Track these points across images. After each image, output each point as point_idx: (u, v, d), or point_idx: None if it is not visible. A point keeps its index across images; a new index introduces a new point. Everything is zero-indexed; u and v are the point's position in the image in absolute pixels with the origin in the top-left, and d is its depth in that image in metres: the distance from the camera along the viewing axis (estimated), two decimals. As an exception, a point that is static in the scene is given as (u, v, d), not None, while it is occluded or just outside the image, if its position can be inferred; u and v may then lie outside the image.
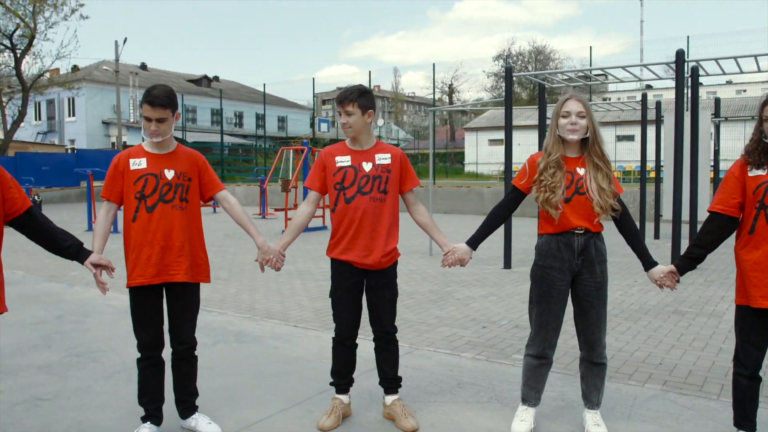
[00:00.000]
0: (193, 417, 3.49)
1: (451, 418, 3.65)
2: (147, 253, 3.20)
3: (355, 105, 3.42)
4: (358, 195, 3.44)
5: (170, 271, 3.24)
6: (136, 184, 3.22)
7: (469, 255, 3.47)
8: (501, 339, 5.35)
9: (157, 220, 3.22)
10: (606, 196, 3.19)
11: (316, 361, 4.74)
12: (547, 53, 61.07)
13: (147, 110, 3.19)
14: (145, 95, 3.21)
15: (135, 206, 3.22)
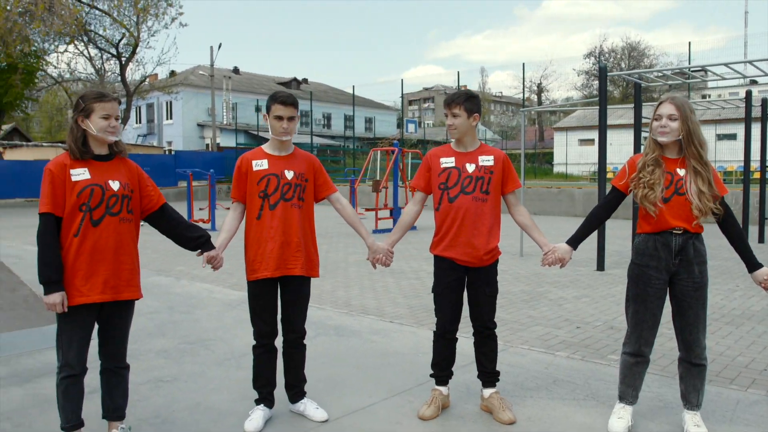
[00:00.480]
0: (301, 402, 3.74)
1: (547, 413, 3.74)
2: (270, 248, 3.46)
3: (462, 108, 3.57)
4: (461, 195, 3.59)
5: (288, 265, 3.49)
6: (259, 184, 3.49)
7: (569, 255, 3.55)
8: (596, 339, 5.35)
9: (279, 218, 3.47)
10: (705, 199, 3.20)
11: (413, 355, 4.92)
12: (642, 49, 59.05)
13: (279, 109, 3.46)
14: (275, 97, 3.49)
15: (259, 205, 3.49)
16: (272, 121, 3.50)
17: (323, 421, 3.63)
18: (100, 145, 3.12)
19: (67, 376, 3.10)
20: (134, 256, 3.22)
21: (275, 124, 3.50)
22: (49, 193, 2.98)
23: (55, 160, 3.05)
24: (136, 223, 3.24)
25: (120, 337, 3.24)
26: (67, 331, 3.07)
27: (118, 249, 3.11)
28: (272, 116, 3.50)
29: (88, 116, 3.06)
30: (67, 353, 3.08)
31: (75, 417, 3.15)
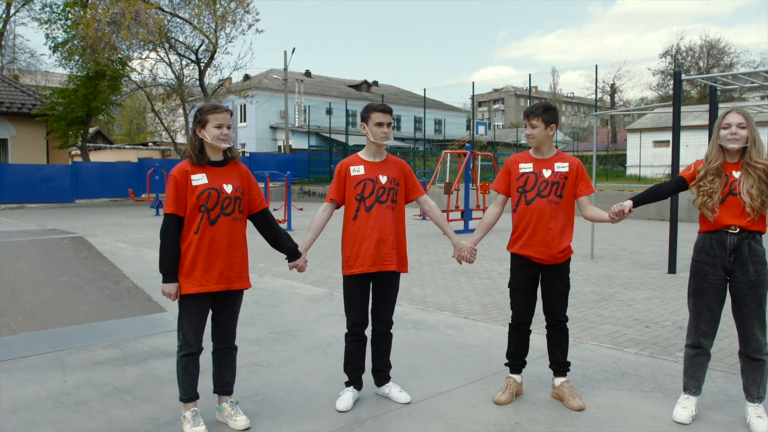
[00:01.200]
0: (387, 385, 4.13)
1: (615, 403, 4.01)
2: (366, 245, 3.86)
3: (540, 119, 3.91)
4: (538, 198, 3.91)
5: (384, 261, 3.89)
6: (356, 188, 3.91)
7: (629, 207, 3.77)
8: (664, 338, 5.55)
9: (374, 218, 3.87)
10: (753, 199, 3.44)
11: (487, 348, 5.25)
12: (721, 47, 57.12)
13: (380, 117, 3.90)
14: (373, 107, 3.93)
15: (356, 207, 3.91)
16: (372, 128, 3.91)
17: (407, 403, 4.01)
18: (215, 152, 3.59)
19: (186, 354, 3.59)
20: (244, 250, 3.69)
21: (376, 131, 3.91)
22: (173, 196, 3.47)
23: (177, 167, 3.54)
24: (245, 222, 3.71)
25: (230, 322, 3.71)
26: (187, 315, 3.56)
27: (231, 245, 3.57)
28: (372, 123, 3.91)
29: (204, 126, 3.54)
30: (186, 334, 3.58)
31: (192, 390, 3.64)
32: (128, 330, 5.90)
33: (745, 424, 3.63)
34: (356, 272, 3.91)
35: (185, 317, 3.58)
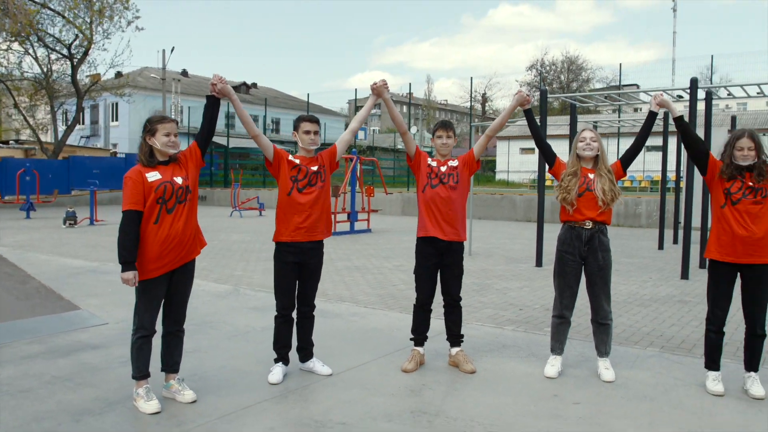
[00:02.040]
0: (311, 360, 4.80)
1: (499, 366, 4.92)
2: (297, 219, 4.49)
3: (453, 132, 4.77)
4: (440, 185, 4.76)
5: (316, 231, 4.57)
6: (292, 171, 4.53)
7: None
8: (535, 318, 6.60)
9: (307, 196, 4.51)
10: (605, 194, 4.48)
11: (388, 330, 6.04)
12: (580, 63, 61.83)
13: (308, 126, 4.54)
14: (303, 117, 4.59)
15: (290, 187, 4.52)
16: (302, 135, 4.55)
17: (329, 374, 4.71)
18: (163, 155, 4.13)
19: (141, 336, 4.09)
20: (196, 225, 4.23)
21: (304, 138, 4.55)
22: (132, 194, 3.95)
23: (132, 170, 4.01)
24: (196, 201, 4.24)
25: (182, 302, 4.24)
26: (145, 301, 4.07)
27: (186, 227, 4.09)
28: (301, 131, 4.56)
29: (153, 135, 4.06)
30: (143, 318, 4.07)
31: (145, 368, 4.13)
32: (47, 327, 6.10)
33: (597, 375, 4.65)
34: (286, 240, 4.52)
35: (144, 302, 4.06)
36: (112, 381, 4.56)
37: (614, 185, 4.55)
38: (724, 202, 4.26)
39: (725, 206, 4.25)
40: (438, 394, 4.33)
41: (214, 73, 4.29)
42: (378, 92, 4.81)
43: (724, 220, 4.25)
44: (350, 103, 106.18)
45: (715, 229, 4.33)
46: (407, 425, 3.79)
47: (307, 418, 3.90)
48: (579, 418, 3.92)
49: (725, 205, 4.25)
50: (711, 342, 4.40)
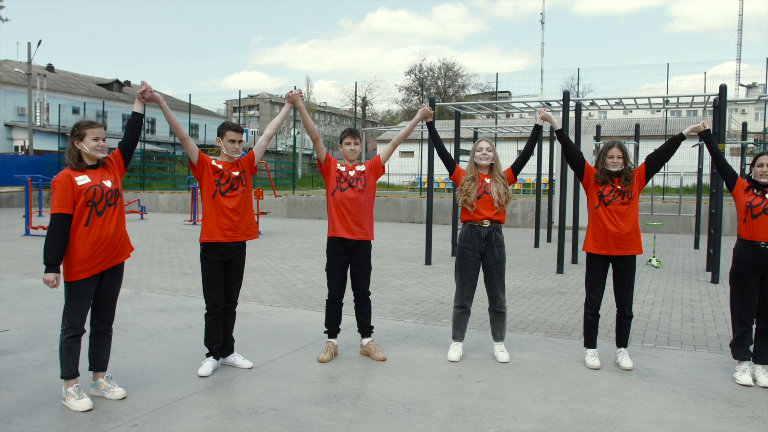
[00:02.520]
0: (232, 355, 5.06)
1: (407, 354, 5.40)
2: (222, 220, 4.76)
3: (359, 138, 5.16)
4: (349, 188, 5.16)
5: (238, 232, 4.83)
6: (215, 175, 4.75)
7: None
8: (432, 311, 7.16)
9: (233, 199, 4.77)
10: (500, 197, 5.08)
11: (298, 326, 6.38)
12: (456, 70, 64.27)
13: (233, 135, 4.78)
14: (229, 126, 4.82)
15: (214, 191, 4.75)
16: (227, 143, 4.79)
17: (250, 367, 4.99)
18: (91, 160, 4.25)
19: (71, 336, 4.18)
20: (124, 229, 4.36)
21: (229, 146, 4.80)
22: (61, 198, 4.05)
23: (61, 174, 4.10)
24: (123, 205, 4.37)
25: (112, 303, 4.35)
26: (75, 301, 4.16)
27: (116, 230, 4.23)
28: (227, 140, 4.80)
29: (82, 139, 4.18)
30: (73, 318, 4.17)
31: (75, 368, 4.23)
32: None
33: (494, 357, 5.24)
34: (212, 240, 4.77)
35: (73, 303, 4.15)
36: (33, 384, 4.60)
37: (507, 189, 5.16)
38: (598, 203, 4.98)
39: (599, 207, 4.96)
40: (356, 380, 4.74)
41: (142, 80, 4.46)
42: (292, 100, 5.14)
43: (599, 218, 4.96)
44: (228, 103, 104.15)
45: (591, 227, 5.04)
46: (333, 407, 4.17)
47: (240, 406, 4.18)
48: (482, 393, 4.46)
49: (599, 206, 4.97)
50: (588, 323, 5.12)
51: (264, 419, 3.95)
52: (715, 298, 8.13)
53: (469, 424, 3.90)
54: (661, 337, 6.10)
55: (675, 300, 8.00)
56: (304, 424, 3.90)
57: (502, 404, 4.25)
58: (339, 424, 3.89)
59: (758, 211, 4.68)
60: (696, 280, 9.67)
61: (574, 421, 3.98)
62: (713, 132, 9.91)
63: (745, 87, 68.46)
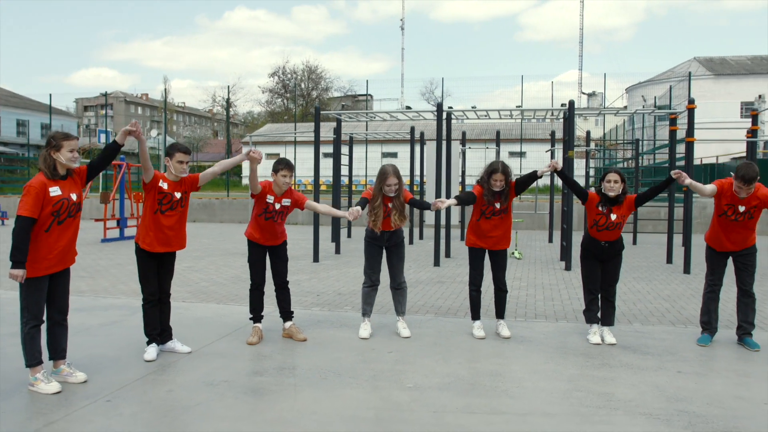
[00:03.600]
0: (171, 341, 5.66)
1: (323, 335, 6.25)
2: (161, 235, 5.32)
3: (294, 171, 5.96)
4: (271, 219, 5.95)
5: (173, 244, 5.42)
6: (159, 195, 5.28)
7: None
8: (333, 300, 8.04)
9: (171, 218, 5.32)
10: (398, 218, 6.09)
11: (217, 318, 7.02)
12: (319, 72, 65.23)
13: (181, 156, 5.34)
14: (177, 147, 5.36)
15: (155, 209, 5.30)
16: (175, 164, 5.34)
17: (189, 352, 5.61)
18: (63, 169, 4.71)
19: (33, 326, 4.63)
20: (76, 238, 4.85)
21: (177, 166, 5.35)
22: (33, 203, 4.48)
23: (36, 180, 4.51)
24: (80, 215, 4.85)
25: (64, 295, 4.82)
26: (34, 295, 4.58)
27: (71, 238, 4.74)
28: (175, 160, 5.35)
29: (58, 150, 4.62)
30: (32, 309, 4.60)
31: (39, 355, 4.68)
32: None
33: (397, 333, 6.22)
34: (151, 250, 5.35)
35: (32, 297, 4.58)
36: None
37: (403, 213, 6.14)
38: (479, 217, 6.11)
39: (480, 219, 6.09)
40: (287, 357, 5.53)
41: (134, 121, 4.87)
42: (252, 160, 5.67)
43: (479, 227, 6.10)
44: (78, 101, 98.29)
45: (472, 230, 6.17)
46: (276, 377, 4.95)
47: (194, 381, 4.85)
48: (395, 360, 5.42)
49: (480, 219, 6.10)
50: (473, 299, 6.25)
51: (220, 388, 4.66)
52: (569, 282, 9.64)
53: (392, 382, 4.83)
54: (530, 313, 7.38)
55: (537, 284, 9.43)
56: (257, 390, 4.65)
57: (413, 367, 5.23)
58: (285, 388, 4.69)
59: (603, 227, 5.98)
60: (552, 268, 11.26)
61: (471, 375, 5.04)
62: (564, 141, 11.55)
63: (586, 95, 75.00)
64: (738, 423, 4.08)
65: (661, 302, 8.10)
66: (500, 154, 16.15)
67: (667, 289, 9.05)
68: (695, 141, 11.02)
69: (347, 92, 68.27)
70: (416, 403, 4.39)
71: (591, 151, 17.08)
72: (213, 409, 4.27)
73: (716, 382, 4.93)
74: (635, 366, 5.29)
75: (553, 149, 16.26)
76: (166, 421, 4.07)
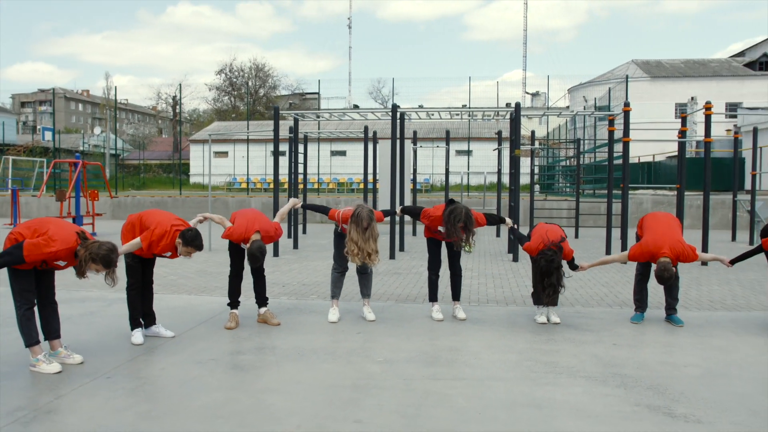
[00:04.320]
0: (155, 325, 6.09)
1: (295, 320, 6.76)
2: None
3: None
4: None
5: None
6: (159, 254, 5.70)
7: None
8: (298, 290, 8.56)
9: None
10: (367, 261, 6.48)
11: (192, 307, 7.44)
12: (266, 71, 65.07)
13: (194, 251, 5.89)
14: (197, 245, 5.64)
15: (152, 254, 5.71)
16: (184, 251, 5.62)
17: (172, 336, 6.05)
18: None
19: (28, 308, 4.99)
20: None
21: (184, 253, 5.64)
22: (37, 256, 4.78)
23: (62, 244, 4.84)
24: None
25: (50, 277, 5.19)
26: (22, 281, 4.94)
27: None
28: (185, 250, 5.61)
29: (93, 260, 4.91)
30: (24, 294, 4.93)
31: (36, 335, 5.04)
32: None
33: (363, 317, 6.78)
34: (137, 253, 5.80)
35: (21, 283, 4.94)
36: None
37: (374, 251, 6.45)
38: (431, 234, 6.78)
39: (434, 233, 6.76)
40: (264, 338, 6.03)
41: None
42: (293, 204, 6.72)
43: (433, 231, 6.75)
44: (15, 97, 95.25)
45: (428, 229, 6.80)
46: (258, 355, 5.45)
47: (184, 360, 5.31)
48: (364, 340, 5.99)
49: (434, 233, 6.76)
50: (432, 282, 6.90)
51: (209, 366, 5.14)
52: (517, 272, 10.38)
53: (364, 357, 5.40)
54: (482, 299, 8.05)
55: (488, 274, 10.14)
56: (242, 366, 5.15)
57: (381, 345, 5.80)
58: (269, 365, 5.20)
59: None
60: (501, 260, 12.02)
61: (433, 350, 5.64)
62: (511, 140, 12.31)
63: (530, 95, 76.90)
64: (662, 381, 4.79)
65: (600, 287, 8.90)
66: (449, 153, 16.87)
67: (605, 277, 9.88)
68: (631, 141, 11.92)
69: (295, 90, 68.33)
70: (387, 373, 4.97)
71: (536, 150, 17.98)
72: (207, 382, 4.76)
73: (645, 351, 5.66)
74: (576, 340, 5.99)
75: (500, 148, 17.07)
76: (167, 392, 4.54)
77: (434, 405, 4.28)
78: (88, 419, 4.01)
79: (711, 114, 11.85)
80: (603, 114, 15.44)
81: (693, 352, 5.63)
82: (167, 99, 60.79)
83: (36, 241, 4.78)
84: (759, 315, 7.17)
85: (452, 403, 4.32)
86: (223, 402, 4.32)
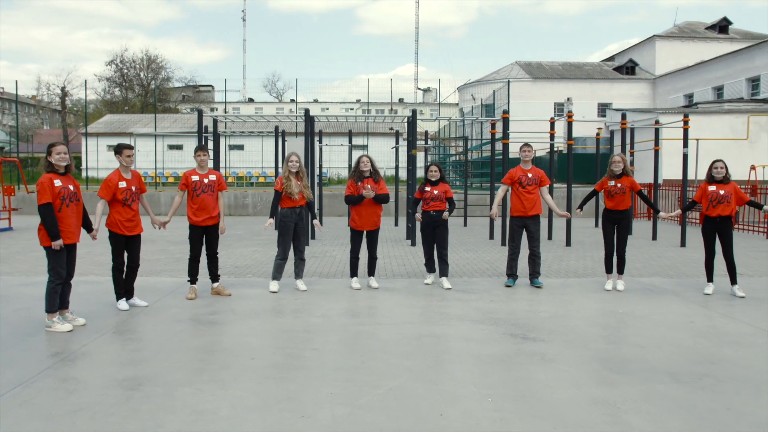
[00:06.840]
0: (133, 298, 7.52)
1: (241, 292, 8.35)
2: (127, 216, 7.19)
3: (207, 151, 7.95)
4: (203, 192, 7.91)
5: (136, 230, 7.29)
6: (120, 188, 7.11)
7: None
8: (235, 271, 10.10)
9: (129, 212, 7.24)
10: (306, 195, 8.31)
11: (150, 286, 8.83)
12: (159, 63, 64.23)
13: (129, 152, 7.19)
14: (125, 145, 7.17)
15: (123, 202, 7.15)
16: (125, 158, 7.18)
17: (146, 305, 7.49)
18: (58, 168, 6.46)
19: (58, 283, 6.39)
20: (81, 218, 6.64)
21: (128, 160, 7.19)
22: (49, 192, 6.23)
23: (44, 177, 6.25)
24: (82, 202, 6.62)
25: (73, 261, 6.59)
26: (59, 259, 6.36)
27: (77, 218, 6.54)
28: (125, 155, 7.16)
29: (50, 155, 6.39)
30: (58, 270, 6.34)
31: (56, 305, 6.42)
32: None
33: (297, 289, 8.47)
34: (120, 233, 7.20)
35: (58, 260, 6.33)
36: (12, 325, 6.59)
37: (307, 188, 8.35)
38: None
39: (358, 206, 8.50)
40: (223, 305, 7.60)
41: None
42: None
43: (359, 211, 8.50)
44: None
45: (355, 214, 8.55)
46: (223, 315, 7.04)
47: (167, 319, 6.82)
48: (302, 303, 7.69)
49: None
50: (353, 263, 8.75)
51: (188, 323, 6.70)
52: (415, 254, 12.38)
53: (306, 314, 7.13)
54: (389, 274, 9.95)
55: (391, 256, 12.09)
56: (214, 322, 6.75)
57: (316, 307, 7.53)
58: (233, 320, 6.82)
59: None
60: (401, 245, 14.02)
61: (356, 308, 7.45)
62: (408, 141, 14.25)
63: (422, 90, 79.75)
64: (523, 321, 6.82)
65: (483, 264, 11.03)
66: (352, 150, 18.67)
67: (488, 256, 12.05)
68: (509, 142, 14.19)
69: (188, 83, 67.89)
70: (326, 323, 6.72)
71: (429, 147, 20.13)
72: (194, 332, 6.34)
73: (515, 305, 7.72)
74: (463, 299, 7.98)
75: (398, 146, 19.07)
76: (165, 338, 6.08)
77: (365, 339, 6.09)
78: (117, 355, 5.52)
79: (572, 121, 14.33)
80: (487, 119, 17.82)
81: (547, 304, 7.75)
82: (51, 87, 58.54)
83: None
84: (599, 279, 9.48)
85: (378, 337, 6.14)
86: (211, 342, 5.94)
